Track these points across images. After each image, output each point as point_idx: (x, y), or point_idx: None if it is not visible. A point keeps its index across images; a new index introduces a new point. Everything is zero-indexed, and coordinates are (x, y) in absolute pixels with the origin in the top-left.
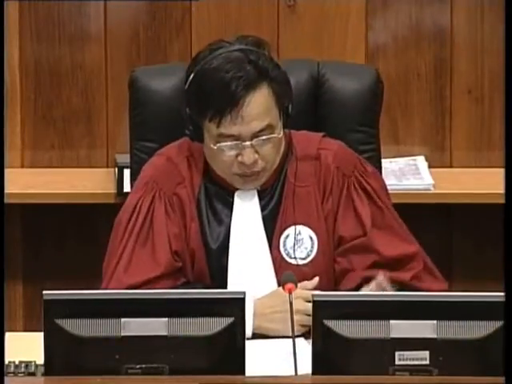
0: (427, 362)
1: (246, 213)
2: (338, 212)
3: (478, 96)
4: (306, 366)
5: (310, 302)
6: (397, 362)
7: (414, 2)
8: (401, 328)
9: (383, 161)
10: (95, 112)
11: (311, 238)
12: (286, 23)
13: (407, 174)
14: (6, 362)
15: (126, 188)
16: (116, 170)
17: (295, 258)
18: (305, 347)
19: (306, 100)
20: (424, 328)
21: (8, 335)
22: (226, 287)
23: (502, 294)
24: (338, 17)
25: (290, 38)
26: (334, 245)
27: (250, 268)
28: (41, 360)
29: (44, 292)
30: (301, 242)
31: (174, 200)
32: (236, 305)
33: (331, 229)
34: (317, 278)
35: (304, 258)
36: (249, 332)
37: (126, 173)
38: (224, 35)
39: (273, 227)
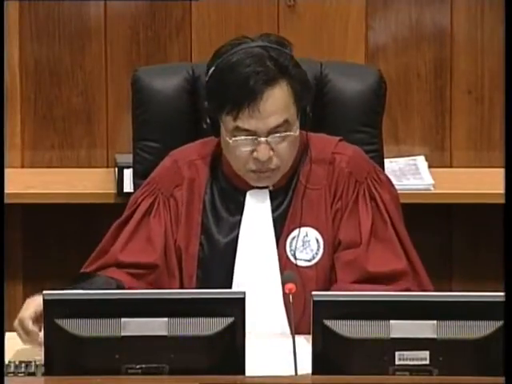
0: (427, 362)
1: (257, 213)
2: (343, 216)
3: (477, 96)
4: (306, 366)
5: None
6: (397, 362)
7: (413, 2)
8: (401, 328)
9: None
10: (95, 112)
11: (318, 240)
12: (286, 23)
13: (407, 173)
14: (6, 362)
15: (126, 188)
16: (116, 169)
17: (300, 259)
18: (305, 347)
19: None
20: (424, 328)
21: (8, 335)
22: (230, 282)
23: (502, 294)
24: (338, 17)
25: (290, 38)
26: (335, 248)
27: (256, 266)
28: (41, 360)
29: (44, 292)
30: (307, 244)
31: (170, 202)
32: (236, 305)
33: (336, 232)
34: None
35: (309, 260)
36: None
37: (126, 173)
38: (224, 35)
39: (281, 227)
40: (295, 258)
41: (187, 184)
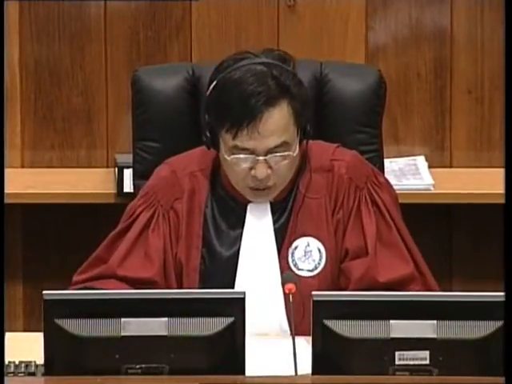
0: (427, 362)
1: (258, 226)
2: (348, 225)
3: (477, 96)
4: (306, 366)
5: None
6: (397, 362)
7: (413, 2)
8: (401, 328)
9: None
10: (95, 112)
11: (320, 250)
12: (286, 23)
13: (407, 173)
14: (6, 362)
15: (126, 188)
16: (116, 169)
17: (302, 269)
18: (305, 347)
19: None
20: (424, 328)
21: (8, 335)
22: None
23: (502, 293)
24: (338, 17)
25: (289, 38)
26: (341, 257)
27: (257, 278)
28: (41, 360)
29: (44, 292)
30: (309, 254)
31: (170, 215)
32: (236, 305)
33: (340, 241)
34: None
35: (311, 270)
36: None
37: (126, 173)
38: (224, 35)
39: (283, 239)
40: (297, 269)
41: (187, 196)
